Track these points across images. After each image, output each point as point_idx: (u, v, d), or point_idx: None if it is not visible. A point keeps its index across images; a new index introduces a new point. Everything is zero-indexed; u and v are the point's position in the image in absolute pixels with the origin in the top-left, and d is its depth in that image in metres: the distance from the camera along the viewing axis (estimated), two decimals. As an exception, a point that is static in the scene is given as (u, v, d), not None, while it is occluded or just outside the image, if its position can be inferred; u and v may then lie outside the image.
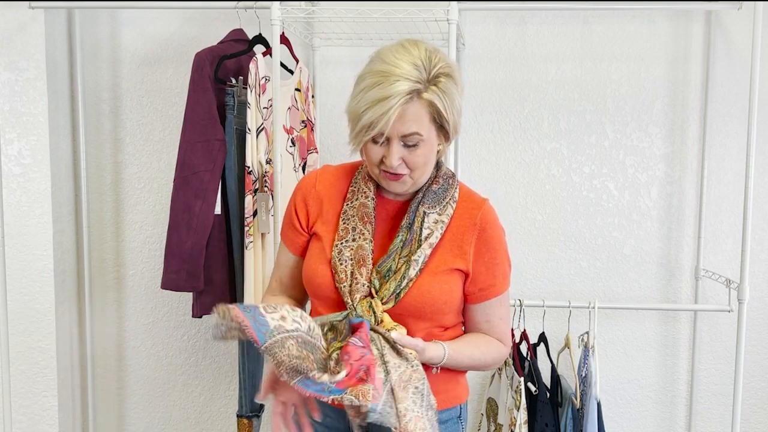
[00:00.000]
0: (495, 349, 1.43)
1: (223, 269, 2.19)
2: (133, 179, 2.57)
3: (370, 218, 1.37)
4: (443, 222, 1.36)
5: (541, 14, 2.42)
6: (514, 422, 2.07)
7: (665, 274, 2.47)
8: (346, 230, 1.37)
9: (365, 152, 1.34)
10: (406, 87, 1.25)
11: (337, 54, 2.47)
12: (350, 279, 1.32)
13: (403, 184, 1.34)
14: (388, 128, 1.26)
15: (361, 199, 1.39)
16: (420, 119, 1.28)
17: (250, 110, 2.04)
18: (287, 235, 1.47)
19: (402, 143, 1.29)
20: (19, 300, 2.41)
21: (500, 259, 1.40)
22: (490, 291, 1.39)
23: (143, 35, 2.51)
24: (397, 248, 1.34)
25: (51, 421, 2.45)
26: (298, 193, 1.46)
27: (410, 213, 1.37)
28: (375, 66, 1.29)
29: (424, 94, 1.27)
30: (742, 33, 2.35)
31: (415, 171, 1.32)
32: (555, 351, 2.29)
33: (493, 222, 1.40)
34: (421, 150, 1.30)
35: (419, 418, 1.23)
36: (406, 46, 1.30)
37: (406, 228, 1.35)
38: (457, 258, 1.36)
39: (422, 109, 1.28)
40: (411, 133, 1.28)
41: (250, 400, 2.23)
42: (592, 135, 2.44)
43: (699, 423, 2.51)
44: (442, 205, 1.37)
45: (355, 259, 1.33)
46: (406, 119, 1.27)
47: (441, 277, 1.35)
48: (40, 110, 2.35)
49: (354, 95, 1.31)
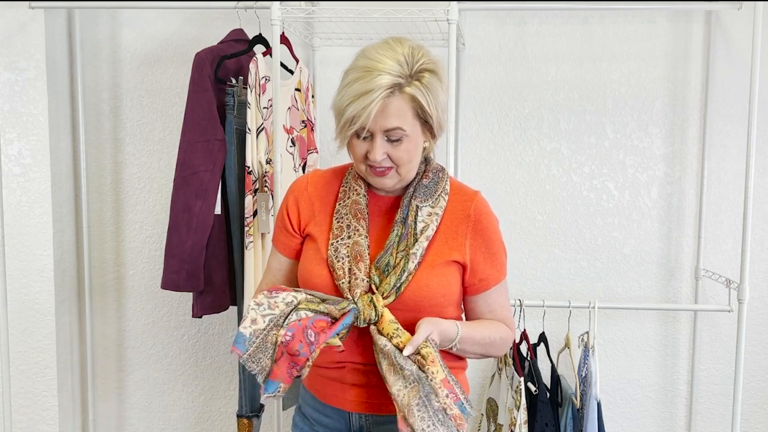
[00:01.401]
0: (503, 329, 1.44)
1: (223, 269, 2.19)
2: (133, 179, 2.57)
3: (363, 214, 1.38)
4: (437, 214, 1.37)
5: (541, 14, 2.42)
6: (514, 422, 2.07)
7: (665, 274, 2.47)
8: (341, 228, 1.37)
9: (350, 148, 1.35)
10: (388, 81, 1.26)
11: (337, 54, 2.47)
12: (348, 275, 1.33)
13: (389, 180, 1.36)
14: (370, 121, 1.27)
15: (353, 197, 1.40)
16: (403, 114, 1.29)
17: (250, 110, 2.04)
18: (279, 239, 1.47)
19: (385, 138, 1.31)
20: (19, 300, 2.41)
21: (497, 248, 1.41)
22: (490, 280, 1.40)
23: (143, 35, 2.51)
24: (393, 243, 1.35)
25: (51, 421, 2.45)
26: (290, 196, 1.46)
27: (403, 207, 1.38)
28: (359, 62, 1.31)
29: (406, 89, 1.29)
30: (742, 33, 2.35)
31: (400, 167, 1.34)
32: (555, 351, 2.29)
33: (487, 212, 1.41)
34: (404, 145, 1.32)
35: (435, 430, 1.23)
36: (390, 43, 1.32)
37: (401, 222, 1.36)
38: (453, 250, 1.37)
39: (404, 104, 1.29)
40: (393, 128, 1.29)
41: (250, 400, 2.23)
42: (592, 135, 2.44)
43: (699, 423, 2.51)
44: (434, 198, 1.39)
45: (351, 256, 1.34)
46: (388, 114, 1.28)
47: (438, 270, 1.35)
48: (40, 110, 2.35)
49: (338, 91, 1.33)
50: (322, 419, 1.42)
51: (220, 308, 2.21)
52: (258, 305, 1.28)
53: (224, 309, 2.22)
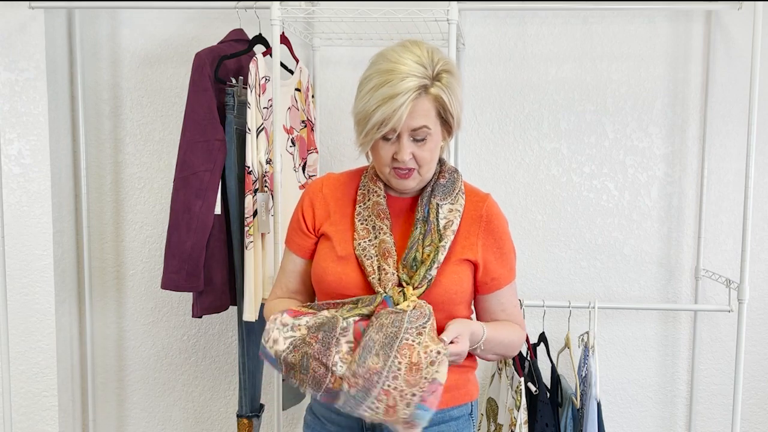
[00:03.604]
0: (518, 330, 1.49)
1: (223, 269, 2.19)
2: (133, 179, 2.57)
3: (386, 214, 1.42)
4: (458, 211, 1.41)
5: (541, 14, 2.42)
6: (514, 422, 2.07)
7: (665, 274, 2.47)
8: (367, 230, 1.41)
9: (375, 152, 1.39)
10: (415, 83, 1.30)
11: (337, 54, 2.47)
12: (378, 272, 1.36)
13: (412, 182, 1.40)
14: (401, 124, 1.31)
15: (374, 198, 1.43)
16: (428, 114, 1.34)
17: (250, 110, 2.04)
18: (294, 240, 1.50)
19: (411, 138, 1.34)
20: (19, 300, 2.41)
21: (507, 248, 1.46)
22: (501, 279, 1.45)
23: (143, 35, 2.51)
24: (417, 240, 1.38)
25: (51, 421, 2.45)
26: (306, 198, 1.50)
27: (423, 206, 1.42)
28: (380, 66, 1.33)
29: (431, 90, 1.33)
30: (742, 33, 2.35)
31: (423, 167, 1.38)
32: (555, 351, 2.29)
33: (498, 214, 1.46)
34: (428, 144, 1.36)
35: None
36: (407, 46, 1.35)
37: (422, 220, 1.40)
38: (465, 249, 1.40)
39: (429, 104, 1.33)
40: (420, 127, 1.33)
41: (250, 400, 2.23)
42: (592, 135, 2.44)
43: (699, 423, 2.51)
44: (453, 196, 1.43)
45: (379, 254, 1.37)
46: (416, 114, 1.32)
47: (452, 267, 1.39)
48: (40, 110, 2.35)
49: (361, 97, 1.35)
50: (333, 417, 1.42)
51: (220, 308, 2.21)
52: (283, 326, 1.30)
53: (224, 309, 2.22)
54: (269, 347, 1.29)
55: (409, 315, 1.28)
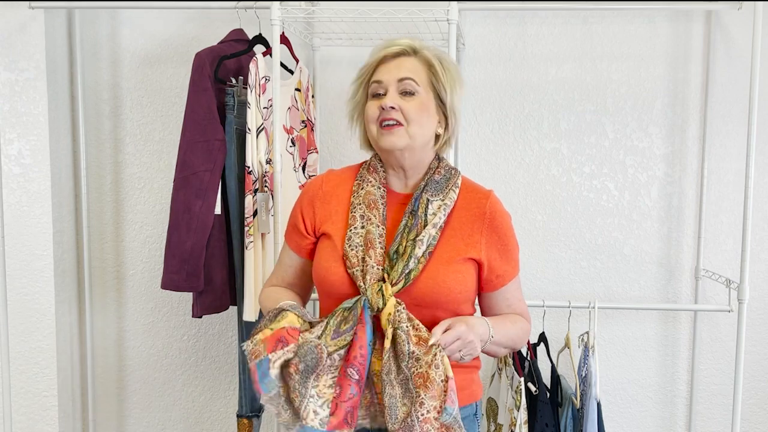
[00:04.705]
0: (522, 321, 1.51)
1: (223, 269, 2.19)
2: (133, 179, 2.57)
3: (376, 204, 1.42)
4: (447, 205, 1.41)
5: (541, 14, 2.42)
6: (514, 422, 2.07)
7: (665, 274, 2.47)
8: (354, 218, 1.41)
9: (365, 112, 1.43)
10: (406, 42, 1.41)
11: (337, 54, 2.47)
12: (361, 264, 1.35)
13: (399, 139, 1.39)
14: (390, 75, 1.38)
15: (367, 188, 1.44)
16: (417, 71, 1.40)
17: (250, 110, 2.04)
18: (291, 237, 1.50)
19: (399, 91, 1.39)
20: (19, 300, 2.41)
21: (511, 244, 1.46)
22: (506, 276, 1.45)
23: (143, 35, 2.51)
24: (402, 232, 1.38)
25: (51, 421, 2.45)
26: (305, 197, 1.49)
27: (414, 200, 1.42)
28: (374, 50, 1.45)
29: (423, 52, 1.41)
30: (742, 33, 2.35)
31: (410, 124, 1.39)
32: (555, 351, 2.29)
33: (501, 210, 1.46)
34: (416, 100, 1.39)
35: None
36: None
37: (410, 213, 1.40)
38: (468, 247, 1.40)
39: (420, 65, 1.40)
40: (406, 77, 1.38)
41: (250, 400, 2.23)
42: (592, 135, 2.44)
43: (699, 423, 2.51)
44: (444, 192, 1.43)
45: (364, 244, 1.37)
46: (403, 67, 1.40)
47: (455, 266, 1.38)
48: (40, 110, 2.35)
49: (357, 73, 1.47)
50: None
51: (220, 308, 2.21)
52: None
53: (224, 309, 2.22)
54: (273, 366, 1.31)
55: (408, 355, 1.30)
